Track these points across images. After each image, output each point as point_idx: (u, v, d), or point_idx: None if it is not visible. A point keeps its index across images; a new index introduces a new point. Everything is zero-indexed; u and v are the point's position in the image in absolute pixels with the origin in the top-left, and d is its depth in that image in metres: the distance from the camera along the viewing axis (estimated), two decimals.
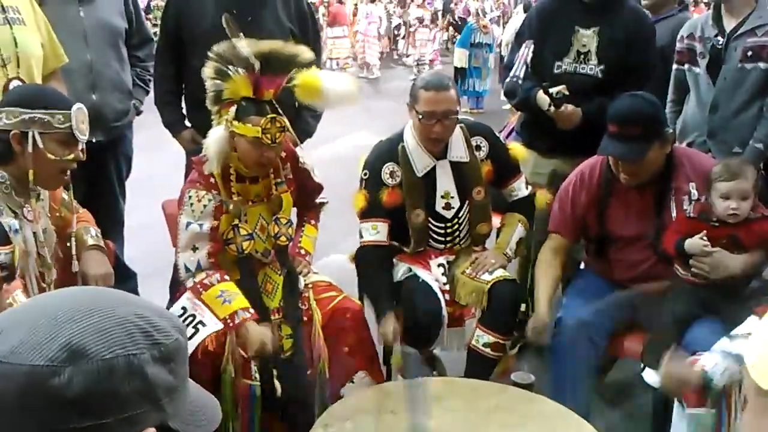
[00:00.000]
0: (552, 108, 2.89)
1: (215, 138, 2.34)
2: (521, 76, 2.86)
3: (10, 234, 2.00)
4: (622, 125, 2.43)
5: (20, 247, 2.03)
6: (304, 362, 2.43)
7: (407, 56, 15.79)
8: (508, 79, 2.89)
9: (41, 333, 0.73)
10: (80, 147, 2.10)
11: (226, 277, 2.37)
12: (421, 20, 15.35)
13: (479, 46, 10.56)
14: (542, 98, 2.93)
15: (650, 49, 3.10)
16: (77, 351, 0.72)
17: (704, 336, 2.23)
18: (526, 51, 2.89)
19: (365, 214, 2.72)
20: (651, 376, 2.32)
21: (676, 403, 2.24)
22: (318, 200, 2.76)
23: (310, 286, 2.57)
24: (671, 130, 2.70)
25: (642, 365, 2.40)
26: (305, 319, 2.49)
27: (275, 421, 2.39)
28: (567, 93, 2.89)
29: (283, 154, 2.51)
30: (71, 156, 2.07)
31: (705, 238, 2.35)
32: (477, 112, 9.97)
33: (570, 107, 2.90)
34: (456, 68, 10.64)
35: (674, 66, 3.16)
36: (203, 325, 2.28)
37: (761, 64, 2.91)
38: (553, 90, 2.89)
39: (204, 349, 2.23)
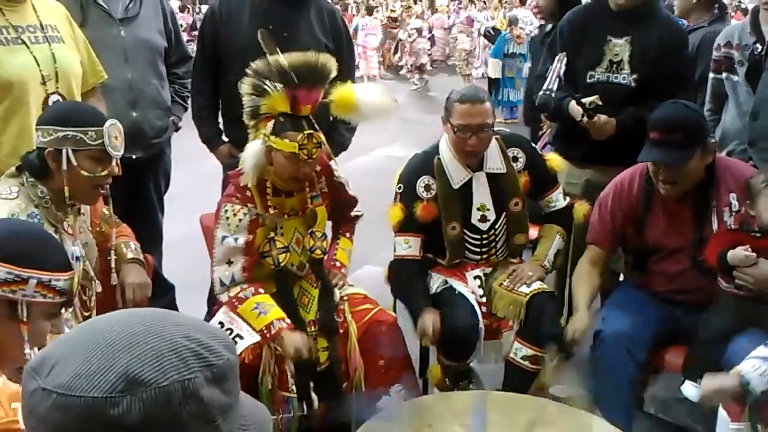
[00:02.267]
0: (585, 119, 2.86)
1: (252, 152, 2.37)
2: (554, 89, 2.84)
3: (72, 260, 2.04)
4: (664, 132, 2.40)
5: (78, 274, 2.06)
6: (340, 374, 2.44)
7: (401, 66, 16.04)
8: (541, 92, 2.87)
9: (97, 363, 0.73)
10: (114, 162, 2.13)
11: (261, 290, 2.39)
12: (419, 31, 15.67)
13: (513, 56, 10.54)
14: (575, 109, 2.90)
15: (683, 57, 3.06)
16: (134, 380, 0.72)
17: (747, 348, 2.17)
18: (559, 64, 2.87)
19: (399, 228, 2.73)
20: (691, 390, 2.28)
21: (719, 418, 2.19)
22: (353, 213, 2.77)
23: (345, 298, 2.58)
24: (713, 140, 2.65)
25: (683, 379, 2.36)
26: (341, 331, 2.49)
27: None
28: (600, 103, 2.86)
29: (318, 168, 2.53)
30: (105, 172, 2.10)
31: (749, 249, 2.30)
32: (511, 122, 9.93)
33: (603, 117, 2.87)
34: (490, 79, 10.62)
35: (711, 75, 3.11)
36: (241, 338, 2.30)
37: None
38: (586, 100, 2.87)
39: (241, 362, 2.24)
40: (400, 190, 2.75)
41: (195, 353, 0.76)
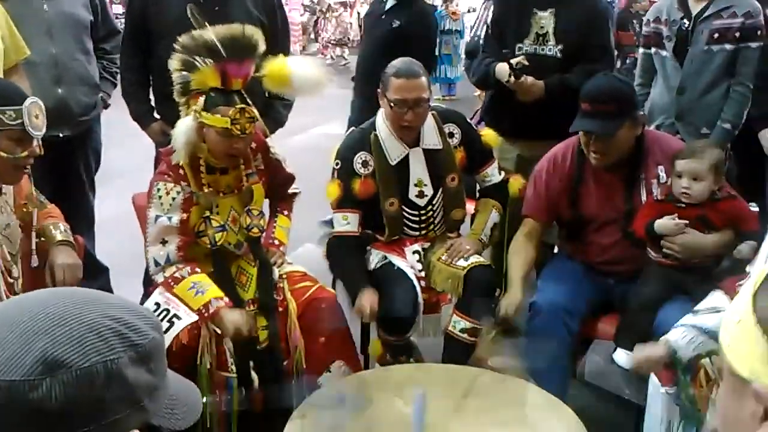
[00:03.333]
0: (512, 78, 2.92)
1: (183, 129, 2.32)
2: (481, 35, 2.90)
3: None
4: (594, 103, 2.45)
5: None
6: (280, 353, 2.43)
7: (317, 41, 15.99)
8: (469, 39, 2.94)
9: (14, 347, 0.71)
10: (36, 143, 2.05)
11: (197, 269, 2.35)
12: (344, 4, 15.65)
13: (449, 32, 10.55)
14: (502, 69, 2.97)
15: (605, 29, 3.16)
16: (53, 362, 0.71)
17: (676, 316, 2.24)
18: (486, 12, 2.93)
19: (338, 204, 2.72)
20: (623, 358, 2.35)
21: (651, 383, 2.27)
22: (290, 191, 2.74)
23: (284, 276, 2.56)
24: (642, 113, 2.72)
25: (615, 347, 2.43)
26: (280, 309, 2.48)
27: (252, 412, 2.38)
28: (526, 63, 2.93)
29: (254, 145, 2.49)
30: (25, 153, 2.02)
31: (676, 219, 2.38)
32: (449, 99, 9.97)
33: (530, 79, 2.94)
34: None
35: (641, 50, 3.19)
36: (178, 318, 2.26)
37: (727, 46, 2.96)
38: (513, 61, 2.94)
39: (178, 343, 2.21)
40: (338, 167, 2.74)
41: (118, 333, 0.75)
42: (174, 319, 2.25)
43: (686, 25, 2.99)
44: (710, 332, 1.92)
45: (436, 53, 10.48)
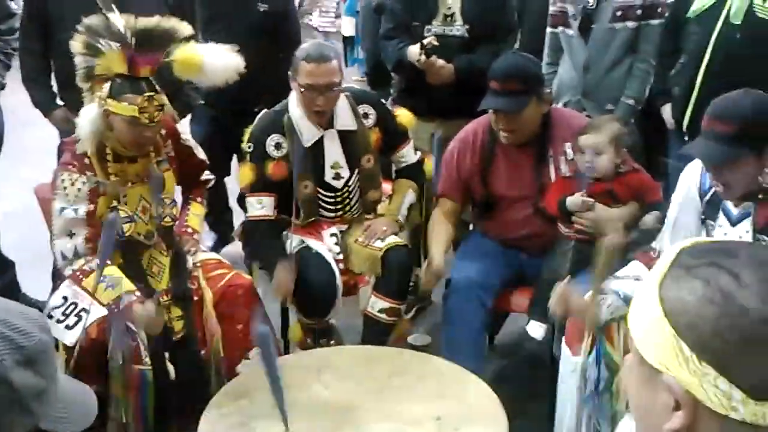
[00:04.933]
0: (423, 57, 2.95)
1: (89, 116, 2.24)
2: None
3: None
4: (503, 81, 2.50)
5: None
6: (196, 343, 2.39)
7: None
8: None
9: None
10: None
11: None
12: None
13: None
14: (413, 50, 3.00)
15: (510, 8, 3.27)
16: None
17: (586, 288, 2.33)
18: None
19: (251, 188, 2.69)
20: (535, 330, 2.42)
21: (562, 353, 2.34)
22: (203, 177, 2.69)
23: (198, 264, 2.51)
24: (549, 91, 2.79)
25: (528, 319, 2.50)
26: (195, 298, 2.44)
27: (170, 405, 2.34)
28: (437, 44, 2.97)
29: (164, 131, 2.43)
30: None
31: (584, 194, 2.45)
32: (363, 80, 9.92)
33: (440, 61, 2.99)
34: (344, 37, 10.54)
35: (548, 29, 3.26)
36: (87, 312, 2.19)
37: (629, 24, 3.05)
38: (424, 41, 2.98)
39: (88, 338, 2.15)
40: (250, 149, 2.70)
41: (2, 336, 0.72)
42: (82, 313, 2.18)
43: (590, 4, 3.06)
44: (627, 298, 1.98)
45: (352, 33, 10.54)
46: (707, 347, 0.69)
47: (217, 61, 2.36)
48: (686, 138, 2.82)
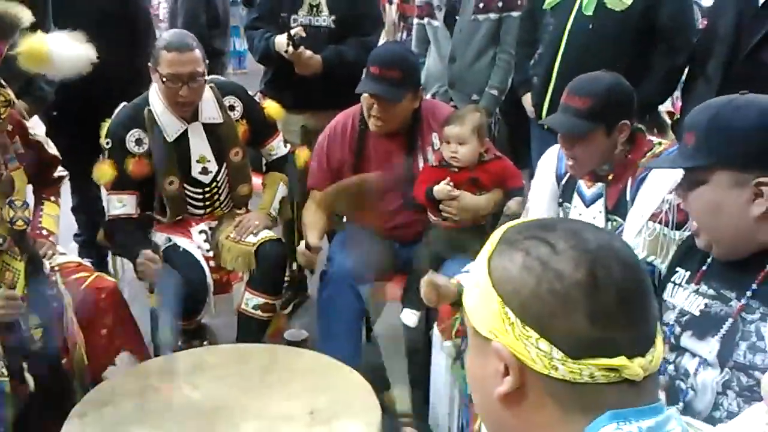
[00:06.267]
0: (291, 48, 2.93)
1: None
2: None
3: None
4: (383, 67, 2.50)
5: None
6: (57, 351, 2.25)
7: None
8: None
9: None
10: None
11: None
12: None
13: (235, 4, 10.27)
14: (281, 41, 2.98)
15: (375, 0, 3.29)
16: None
17: (457, 273, 2.38)
18: None
19: (112, 186, 2.57)
20: (408, 317, 2.45)
21: (434, 337, 2.38)
22: (56, 174, 2.54)
23: (57, 268, 2.37)
24: (422, 87, 2.82)
25: (402, 308, 2.52)
26: (55, 304, 2.29)
27: (31, 418, 2.20)
28: (304, 35, 2.95)
29: (10, 128, 2.27)
30: None
31: (451, 183, 2.50)
32: (241, 73, 9.75)
33: (308, 52, 2.97)
34: None
35: (415, 21, 3.31)
36: None
37: (492, 15, 3.14)
38: (292, 31, 2.95)
39: None
40: (109, 146, 2.58)
41: None
42: None
43: None
44: None
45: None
46: (529, 311, 0.74)
47: (66, 52, 2.23)
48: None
